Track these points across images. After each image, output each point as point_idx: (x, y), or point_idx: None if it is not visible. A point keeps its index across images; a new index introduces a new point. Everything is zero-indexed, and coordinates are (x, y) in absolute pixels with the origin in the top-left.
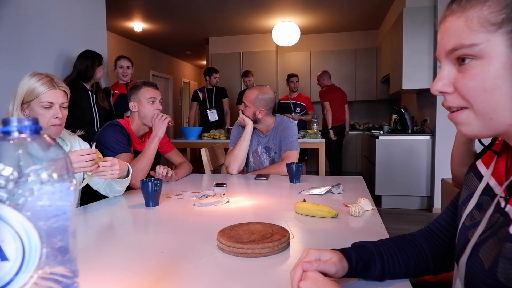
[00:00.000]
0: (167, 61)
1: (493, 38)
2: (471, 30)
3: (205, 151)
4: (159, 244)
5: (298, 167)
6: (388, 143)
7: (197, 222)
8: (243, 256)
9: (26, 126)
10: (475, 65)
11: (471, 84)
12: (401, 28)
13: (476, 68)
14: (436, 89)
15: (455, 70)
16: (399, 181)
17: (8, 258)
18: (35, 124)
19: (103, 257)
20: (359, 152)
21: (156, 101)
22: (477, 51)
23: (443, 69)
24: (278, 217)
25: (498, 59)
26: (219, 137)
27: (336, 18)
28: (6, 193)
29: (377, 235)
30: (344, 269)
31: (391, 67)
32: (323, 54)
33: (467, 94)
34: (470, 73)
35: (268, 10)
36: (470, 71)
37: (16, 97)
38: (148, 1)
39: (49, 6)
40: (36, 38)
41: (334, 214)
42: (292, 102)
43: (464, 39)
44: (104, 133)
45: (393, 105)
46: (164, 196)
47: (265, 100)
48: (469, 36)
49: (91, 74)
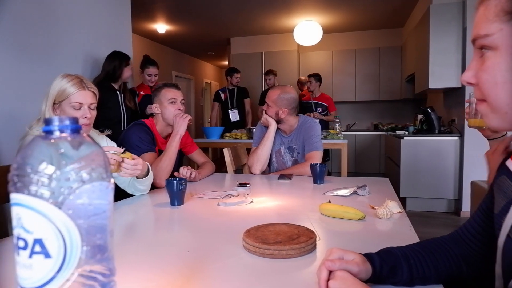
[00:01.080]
0: (189, 62)
1: (506, 27)
2: (487, 19)
3: (227, 151)
4: (185, 243)
5: (322, 168)
6: (414, 144)
7: (222, 222)
8: (269, 257)
9: (67, 125)
10: (489, 57)
11: (484, 77)
12: (427, 25)
13: (489, 60)
14: (463, 79)
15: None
16: (425, 183)
17: (51, 255)
18: (75, 124)
19: (131, 254)
20: (382, 153)
21: (177, 102)
22: (490, 41)
23: (472, 60)
24: (303, 218)
25: (509, 50)
26: (241, 137)
27: (359, 16)
28: (49, 191)
29: (406, 239)
30: (367, 271)
31: (417, 66)
32: (345, 53)
33: (482, 87)
34: (484, 65)
35: (290, 9)
36: (485, 62)
37: (48, 98)
38: (172, 3)
39: (78, 9)
40: (65, 40)
41: (361, 216)
42: (313, 102)
43: (480, 29)
44: (129, 132)
45: (419, 105)
46: (188, 195)
47: (287, 99)
48: (485, 25)
49: (119, 74)
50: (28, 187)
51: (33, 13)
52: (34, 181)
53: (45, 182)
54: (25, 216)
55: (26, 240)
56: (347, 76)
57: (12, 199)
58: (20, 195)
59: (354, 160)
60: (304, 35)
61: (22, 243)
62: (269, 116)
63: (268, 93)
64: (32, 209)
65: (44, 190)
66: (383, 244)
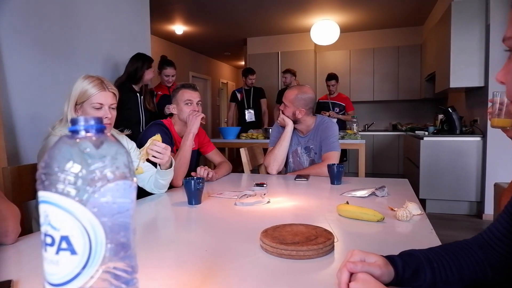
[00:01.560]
0: (206, 62)
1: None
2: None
3: (244, 151)
4: (202, 242)
5: (340, 168)
6: (434, 145)
7: (239, 222)
8: (287, 257)
9: (92, 125)
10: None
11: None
12: (448, 23)
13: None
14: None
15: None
16: (446, 184)
17: (77, 252)
18: (100, 123)
19: (151, 251)
20: (401, 153)
21: (193, 103)
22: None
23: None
24: (320, 219)
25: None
26: (257, 137)
27: (377, 14)
28: (75, 190)
29: (427, 241)
30: (389, 274)
31: (437, 65)
32: (363, 52)
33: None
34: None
35: (306, 9)
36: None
37: (70, 98)
38: (189, 5)
39: (99, 12)
40: (86, 42)
41: (380, 218)
42: (331, 102)
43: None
44: (148, 132)
45: (439, 105)
46: (206, 194)
47: (304, 99)
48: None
49: (140, 76)
50: (55, 185)
51: (56, 17)
52: (61, 180)
53: (71, 180)
54: (52, 213)
55: (53, 237)
56: (365, 75)
57: (40, 197)
58: (48, 193)
59: (371, 161)
60: (321, 35)
61: (49, 239)
62: (286, 116)
63: (285, 93)
64: (59, 207)
65: (70, 188)
66: (403, 247)
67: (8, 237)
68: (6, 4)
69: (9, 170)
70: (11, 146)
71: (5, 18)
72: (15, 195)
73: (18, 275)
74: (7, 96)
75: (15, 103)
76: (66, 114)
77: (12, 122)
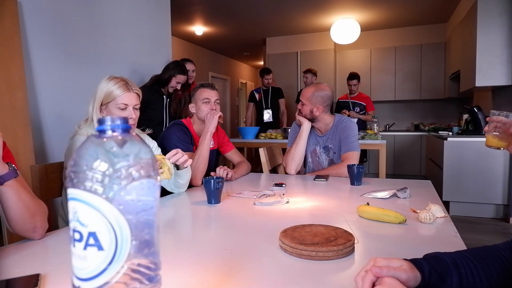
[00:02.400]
0: (225, 63)
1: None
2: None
3: (263, 151)
4: (222, 241)
5: (360, 169)
6: (459, 145)
7: (258, 221)
8: (306, 258)
9: (118, 125)
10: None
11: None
12: (474, 19)
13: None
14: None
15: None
16: (471, 187)
17: (103, 248)
18: (126, 123)
19: (172, 250)
20: (424, 154)
21: (211, 102)
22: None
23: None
24: (340, 220)
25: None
26: (276, 137)
27: (399, 12)
28: (102, 187)
29: (451, 245)
30: (416, 279)
31: (462, 63)
32: (384, 51)
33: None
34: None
35: (326, 7)
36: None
37: (95, 99)
38: (209, 5)
39: (123, 15)
40: (111, 45)
41: (402, 220)
42: (351, 101)
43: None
44: (168, 132)
45: (464, 104)
46: (225, 194)
47: (322, 97)
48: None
49: (166, 81)
50: (83, 183)
51: (82, 21)
52: (89, 177)
53: (98, 178)
54: (80, 210)
55: (81, 232)
56: (386, 74)
57: (69, 194)
58: (76, 190)
59: (392, 162)
60: (341, 34)
61: (78, 235)
62: (303, 114)
63: (302, 91)
64: (87, 204)
65: (98, 186)
66: (426, 251)
67: (36, 233)
68: (35, 10)
69: (37, 168)
70: (38, 145)
71: (34, 23)
72: (42, 192)
73: (46, 270)
74: (35, 97)
75: (42, 104)
76: (91, 114)
77: (39, 122)
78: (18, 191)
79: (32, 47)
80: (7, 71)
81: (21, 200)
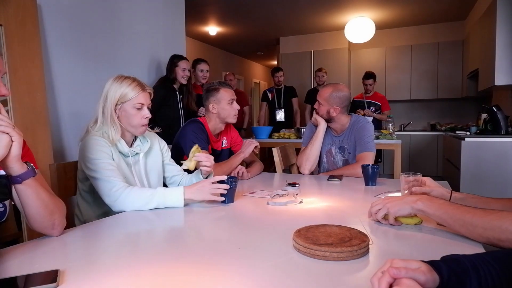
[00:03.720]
0: (238, 62)
1: None
2: None
3: (277, 151)
4: (236, 240)
5: (375, 169)
6: (477, 146)
7: (272, 221)
8: (320, 258)
9: None
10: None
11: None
12: (494, 16)
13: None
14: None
15: None
16: (490, 188)
17: None
18: None
19: (185, 248)
20: (440, 155)
21: (234, 102)
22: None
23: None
24: (355, 221)
25: None
26: (289, 136)
27: (416, 10)
28: None
29: (469, 248)
30: (434, 281)
31: (481, 61)
32: (400, 49)
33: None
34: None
35: (341, 6)
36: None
37: (108, 100)
38: (223, 6)
39: (139, 16)
40: (127, 45)
41: (418, 221)
42: (366, 101)
43: None
44: (186, 130)
45: (482, 103)
46: (238, 193)
47: (340, 97)
48: None
49: (173, 76)
50: None
51: (99, 22)
52: None
53: None
54: None
55: None
56: (402, 73)
57: None
58: None
59: (408, 162)
60: (355, 32)
61: None
62: (319, 114)
63: (320, 91)
64: None
65: None
66: (443, 253)
67: (54, 230)
68: (55, 12)
69: (55, 167)
70: (56, 144)
71: (53, 25)
72: (61, 190)
73: (64, 266)
74: (53, 97)
75: (60, 104)
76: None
77: (58, 122)
78: (37, 189)
79: (51, 48)
80: (28, 72)
81: (40, 199)
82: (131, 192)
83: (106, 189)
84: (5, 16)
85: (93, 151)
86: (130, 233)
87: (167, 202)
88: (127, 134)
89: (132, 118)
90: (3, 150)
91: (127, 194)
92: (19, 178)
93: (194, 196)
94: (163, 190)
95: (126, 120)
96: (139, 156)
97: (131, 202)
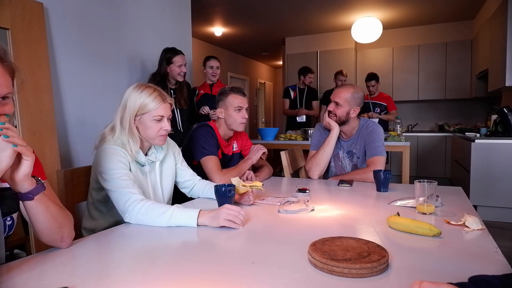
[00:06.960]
0: (244, 63)
1: None
2: None
3: (285, 154)
4: (248, 253)
5: (387, 175)
6: (487, 147)
7: (284, 231)
8: (338, 275)
9: None
10: None
11: None
12: (504, 15)
13: None
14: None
15: None
16: (501, 190)
17: None
18: None
19: (197, 262)
20: (448, 156)
21: (243, 110)
22: None
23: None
24: (370, 231)
25: None
26: (296, 138)
27: (423, 9)
28: None
29: (492, 262)
30: None
31: (491, 61)
32: (407, 49)
33: None
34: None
35: (347, 6)
36: None
37: (127, 110)
38: (229, 6)
39: (145, 18)
40: (134, 47)
41: (436, 233)
42: (371, 102)
43: None
44: (197, 133)
45: (492, 104)
46: (249, 200)
47: (360, 98)
48: None
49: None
50: None
51: (106, 25)
52: None
53: None
54: None
55: None
56: (409, 73)
57: None
58: None
59: (415, 163)
60: (362, 32)
61: None
62: (337, 116)
63: (338, 92)
64: None
65: None
66: (466, 268)
67: (63, 242)
68: (61, 15)
69: (63, 173)
70: (63, 149)
71: (60, 28)
72: (68, 197)
73: (74, 282)
74: (60, 101)
75: (67, 108)
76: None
77: (64, 126)
78: (47, 203)
79: (58, 51)
80: (35, 76)
81: (49, 213)
82: (143, 207)
83: (121, 202)
84: (12, 20)
85: (109, 160)
86: (140, 245)
87: (180, 223)
88: (145, 143)
89: (151, 130)
90: (8, 160)
91: (139, 209)
92: (30, 194)
93: (208, 223)
94: (178, 211)
95: (144, 131)
96: (155, 164)
97: (143, 218)
